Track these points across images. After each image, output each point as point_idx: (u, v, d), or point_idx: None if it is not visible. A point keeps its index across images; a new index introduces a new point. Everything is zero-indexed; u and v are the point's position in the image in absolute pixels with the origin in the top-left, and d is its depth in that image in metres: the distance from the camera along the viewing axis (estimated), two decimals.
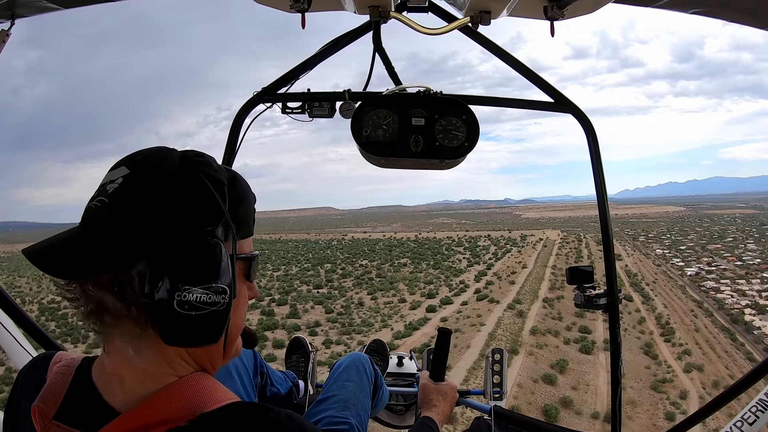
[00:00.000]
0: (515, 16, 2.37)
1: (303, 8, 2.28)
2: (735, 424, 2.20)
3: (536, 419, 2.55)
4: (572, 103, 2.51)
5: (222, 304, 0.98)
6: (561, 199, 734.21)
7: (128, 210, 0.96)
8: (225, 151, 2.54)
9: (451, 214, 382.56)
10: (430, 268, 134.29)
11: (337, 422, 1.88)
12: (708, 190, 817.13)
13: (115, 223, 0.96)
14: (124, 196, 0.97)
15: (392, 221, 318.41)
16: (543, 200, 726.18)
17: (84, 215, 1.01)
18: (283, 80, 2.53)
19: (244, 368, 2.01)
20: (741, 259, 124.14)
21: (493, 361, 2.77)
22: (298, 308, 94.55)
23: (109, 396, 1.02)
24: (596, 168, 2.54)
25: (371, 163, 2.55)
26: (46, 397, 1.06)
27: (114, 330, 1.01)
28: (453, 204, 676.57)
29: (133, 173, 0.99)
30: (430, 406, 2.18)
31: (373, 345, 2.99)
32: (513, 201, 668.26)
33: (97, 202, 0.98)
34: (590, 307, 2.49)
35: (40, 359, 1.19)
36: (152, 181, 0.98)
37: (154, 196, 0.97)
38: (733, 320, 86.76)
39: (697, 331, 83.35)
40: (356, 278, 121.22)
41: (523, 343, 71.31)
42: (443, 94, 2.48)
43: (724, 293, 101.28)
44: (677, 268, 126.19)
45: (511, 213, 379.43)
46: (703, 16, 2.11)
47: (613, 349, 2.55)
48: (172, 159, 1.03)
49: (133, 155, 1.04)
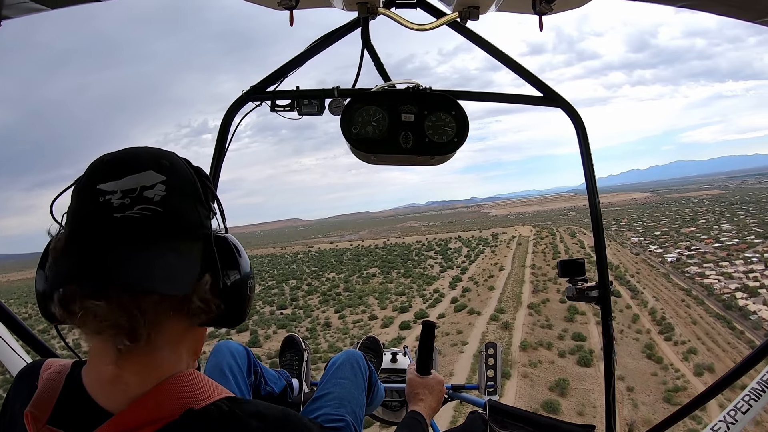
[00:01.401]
0: (504, 10, 2.42)
1: (291, 5, 2.31)
2: (729, 413, 2.23)
3: (531, 412, 2.50)
4: (561, 98, 2.53)
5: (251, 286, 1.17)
6: (527, 194, 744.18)
7: (183, 215, 1.02)
8: (214, 151, 2.53)
9: (419, 217, 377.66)
10: (400, 276, 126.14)
11: (333, 420, 1.88)
12: (670, 174, 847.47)
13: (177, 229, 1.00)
14: (174, 201, 1.00)
15: (359, 228, 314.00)
16: (509, 196, 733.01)
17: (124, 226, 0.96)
18: (271, 78, 2.52)
19: (238, 368, 2.06)
20: (719, 240, 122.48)
21: (487, 355, 2.81)
22: (259, 334, 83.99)
23: (101, 398, 1.03)
24: (586, 161, 2.54)
25: (361, 159, 2.57)
26: (38, 402, 1.07)
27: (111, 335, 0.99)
28: (420, 206, 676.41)
29: (170, 180, 1.01)
30: (416, 400, 2.14)
31: (367, 342, 2.99)
32: (479, 199, 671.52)
33: (145, 210, 0.97)
34: (582, 299, 2.52)
35: (31, 367, 1.21)
36: (189, 186, 1.05)
37: (194, 200, 1.05)
38: (727, 306, 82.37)
39: (694, 324, 77.66)
40: (323, 294, 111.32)
41: (515, 362, 62.47)
42: (432, 89, 2.46)
43: (711, 278, 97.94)
44: (656, 255, 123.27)
45: (478, 211, 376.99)
46: (691, 10, 2.18)
47: (606, 341, 2.58)
48: (185, 163, 1.09)
49: (154, 159, 1.03)
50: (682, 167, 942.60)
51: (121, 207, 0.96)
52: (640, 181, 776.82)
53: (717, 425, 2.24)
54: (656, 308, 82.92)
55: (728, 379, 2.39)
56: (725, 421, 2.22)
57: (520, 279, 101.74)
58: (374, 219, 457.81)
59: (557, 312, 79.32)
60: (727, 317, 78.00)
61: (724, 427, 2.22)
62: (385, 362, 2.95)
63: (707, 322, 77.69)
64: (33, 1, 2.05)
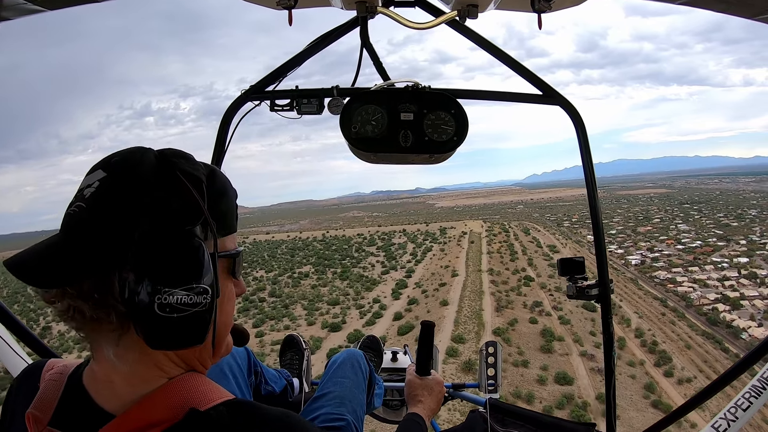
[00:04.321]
0: (503, 9, 2.43)
1: (290, 5, 2.32)
2: (729, 410, 2.25)
3: (532, 410, 2.52)
4: (560, 95, 2.53)
5: (204, 305, 0.97)
6: (472, 186, 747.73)
7: (106, 213, 0.95)
8: (214, 151, 2.55)
9: (363, 207, 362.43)
10: (336, 278, 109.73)
11: (334, 419, 1.88)
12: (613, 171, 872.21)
13: (94, 227, 0.95)
14: (101, 199, 0.96)
15: (301, 217, 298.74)
16: (454, 188, 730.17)
17: (63, 222, 0.99)
18: (270, 78, 2.53)
19: (238, 367, 2.03)
20: (680, 242, 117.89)
21: (487, 354, 2.84)
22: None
23: (101, 401, 1.03)
24: (585, 160, 2.56)
25: (360, 158, 2.59)
26: (39, 404, 1.08)
27: (100, 336, 1.01)
28: (364, 195, 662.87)
29: (110, 176, 0.98)
30: (416, 401, 2.13)
31: (367, 341, 2.94)
32: (424, 190, 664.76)
33: (75, 207, 0.97)
34: (582, 297, 2.53)
35: (33, 368, 1.21)
36: (129, 183, 0.97)
37: (131, 197, 0.96)
38: (711, 321, 73.66)
39: (688, 348, 66.03)
40: (244, 300, 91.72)
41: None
42: (431, 88, 2.46)
43: (684, 285, 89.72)
44: (618, 257, 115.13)
45: (424, 202, 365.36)
46: (690, 6, 2.20)
47: (606, 339, 2.61)
48: (148, 159, 1.01)
49: (109, 157, 1.02)
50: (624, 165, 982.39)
51: (69, 204, 0.99)
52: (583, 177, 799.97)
53: (718, 422, 2.23)
54: (642, 328, 71.04)
55: (726, 378, 2.39)
56: (726, 419, 2.22)
57: (478, 289, 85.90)
58: (317, 208, 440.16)
59: (529, 338, 64.06)
60: (716, 336, 68.94)
61: (725, 425, 2.22)
62: (386, 361, 2.93)
63: (698, 343, 67.39)
64: (31, 3, 2.08)
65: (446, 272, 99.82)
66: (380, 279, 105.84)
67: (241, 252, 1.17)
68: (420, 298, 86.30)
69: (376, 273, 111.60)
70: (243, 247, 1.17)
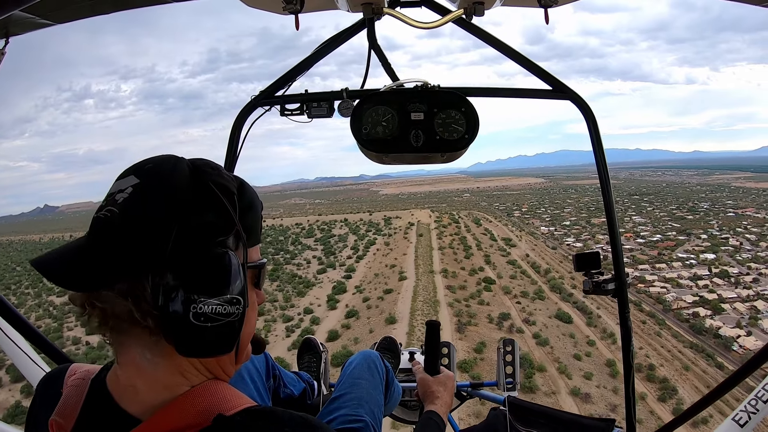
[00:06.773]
0: (509, 5, 2.44)
1: (296, 9, 2.32)
2: (750, 402, 2.25)
3: (551, 408, 2.56)
4: (571, 90, 2.55)
5: (236, 315, 1.00)
6: (415, 173, 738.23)
7: (140, 220, 0.96)
8: (226, 157, 2.57)
9: (306, 194, 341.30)
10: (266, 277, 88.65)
11: (352, 420, 1.87)
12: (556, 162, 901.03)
13: (126, 233, 0.96)
14: (134, 206, 0.97)
15: None
16: (398, 175, 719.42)
17: (93, 225, 0.99)
18: (280, 82, 2.55)
19: (257, 371, 2.03)
20: (640, 235, 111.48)
21: (505, 351, 2.87)
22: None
23: (125, 405, 1.04)
24: (598, 153, 2.56)
25: (372, 160, 2.58)
26: (62, 410, 1.09)
27: (127, 340, 1.02)
28: (308, 182, 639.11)
29: (143, 182, 0.99)
30: (432, 398, 2.18)
31: (384, 342, 2.93)
32: (368, 177, 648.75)
33: (107, 212, 0.98)
34: (599, 292, 2.54)
35: (56, 373, 1.21)
36: (164, 191, 0.98)
37: (165, 206, 0.97)
38: (696, 330, 65.89)
39: (687, 370, 56.01)
40: None
41: None
42: (441, 87, 2.48)
43: (656, 285, 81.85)
44: (577, 251, 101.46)
45: (367, 189, 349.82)
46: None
47: (624, 332, 2.62)
48: (181, 168, 1.03)
49: (142, 164, 1.04)
50: (567, 156, 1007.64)
51: (99, 208, 1.00)
52: (527, 166, 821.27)
53: (738, 415, 2.23)
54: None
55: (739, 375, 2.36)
56: (746, 411, 2.22)
57: (431, 298, 71.66)
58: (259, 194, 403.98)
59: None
60: (706, 350, 60.68)
61: (746, 417, 2.22)
62: (404, 362, 2.91)
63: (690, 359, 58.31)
64: (39, 18, 2.14)
65: (392, 273, 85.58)
66: (315, 280, 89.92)
67: (266, 263, 1.19)
68: (361, 308, 71.62)
69: (312, 272, 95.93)
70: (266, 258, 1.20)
